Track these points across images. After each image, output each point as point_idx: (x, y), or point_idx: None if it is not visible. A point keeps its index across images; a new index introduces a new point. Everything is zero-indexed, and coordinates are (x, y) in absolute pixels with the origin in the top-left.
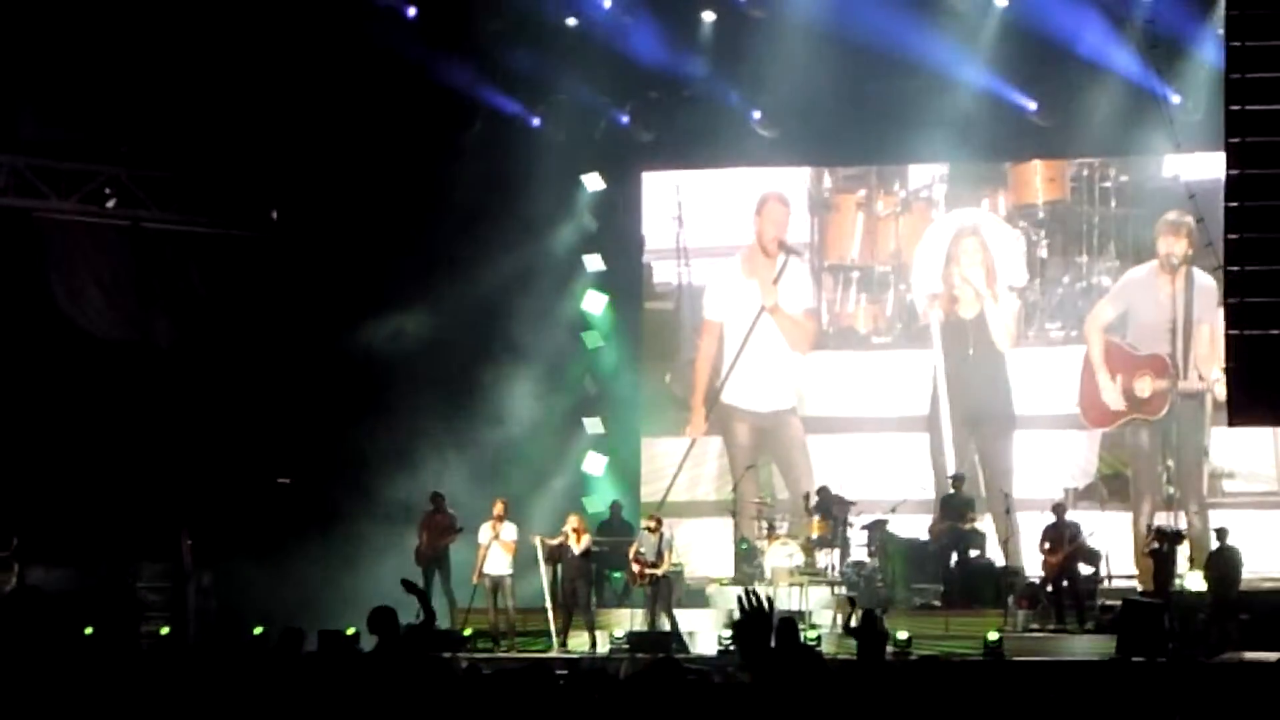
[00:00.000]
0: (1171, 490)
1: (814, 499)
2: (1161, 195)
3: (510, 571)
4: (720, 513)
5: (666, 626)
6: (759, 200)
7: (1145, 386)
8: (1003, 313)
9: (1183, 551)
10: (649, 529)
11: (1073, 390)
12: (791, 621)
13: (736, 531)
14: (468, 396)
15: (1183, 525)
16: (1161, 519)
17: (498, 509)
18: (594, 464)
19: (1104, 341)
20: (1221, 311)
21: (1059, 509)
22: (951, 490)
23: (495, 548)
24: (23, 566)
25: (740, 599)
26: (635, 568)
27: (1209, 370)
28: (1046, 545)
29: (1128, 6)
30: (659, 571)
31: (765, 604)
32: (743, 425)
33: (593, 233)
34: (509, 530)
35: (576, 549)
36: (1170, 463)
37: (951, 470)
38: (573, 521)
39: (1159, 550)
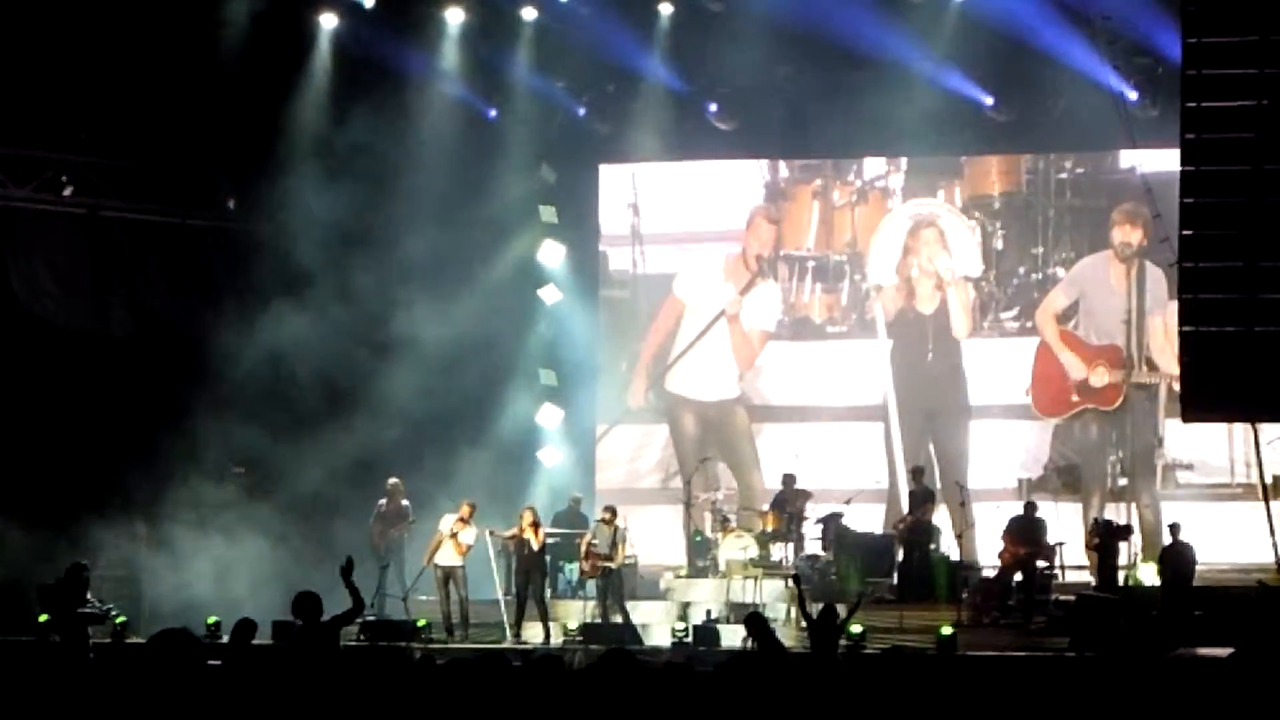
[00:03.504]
0: (1123, 482)
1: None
2: (1118, 187)
3: (462, 563)
4: (665, 502)
5: (618, 619)
6: (749, 213)
7: (1100, 377)
8: (960, 304)
9: (1125, 545)
10: (604, 520)
11: (1026, 381)
12: (760, 616)
13: (689, 523)
14: (423, 386)
15: (1134, 517)
16: (1111, 511)
17: (464, 510)
18: (549, 455)
19: (1057, 330)
20: (1172, 304)
21: (1030, 505)
22: (913, 483)
23: (449, 543)
24: None
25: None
26: (587, 560)
27: (1163, 362)
28: (1009, 538)
29: (1086, 2)
30: (612, 564)
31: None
32: (688, 415)
33: (549, 225)
34: (468, 534)
35: (535, 545)
36: (1122, 454)
37: (902, 461)
38: (528, 517)
39: (1101, 544)
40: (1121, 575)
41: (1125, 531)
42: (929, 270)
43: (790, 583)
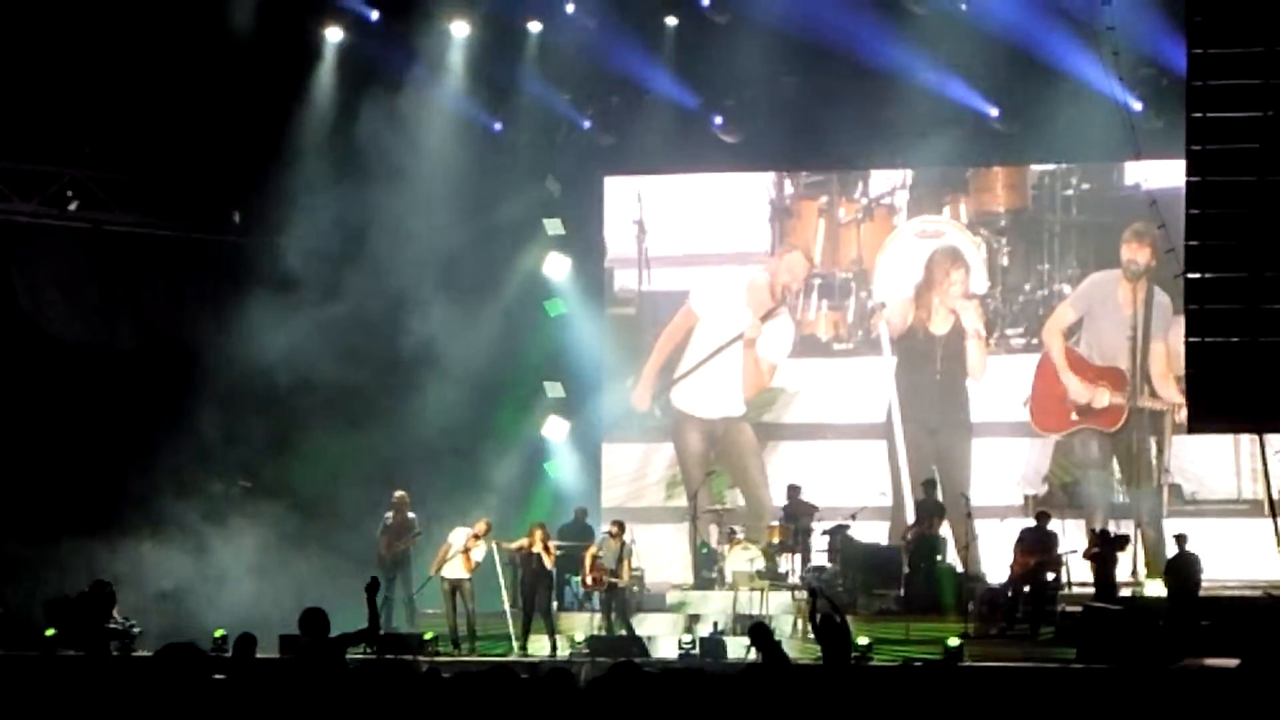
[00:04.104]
0: (1125, 500)
1: (785, 500)
2: (1123, 204)
3: (469, 577)
4: (669, 519)
5: (623, 633)
6: (787, 243)
7: (1102, 398)
8: (978, 354)
9: (1124, 555)
10: (611, 534)
11: (1027, 395)
12: (764, 626)
13: (695, 536)
14: (429, 398)
15: (1136, 535)
16: (1114, 528)
17: (480, 527)
18: (556, 467)
19: (1063, 348)
20: (1175, 329)
21: (1043, 516)
22: (922, 494)
23: (459, 558)
24: None
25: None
26: (592, 573)
27: (1164, 390)
28: (1020, 549)
29: (1091, 13)
30: (619, 581)
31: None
32: (694, 432)
33: (554, 238)
34: (479, 551)
35: (548, 563)
36: (1122, 473)
37: (907, 477)
38: (539, 535)
39: (1099, 552)
40: (1128, 591)
41: (1123, 541)
42: (951, 307)
43: (807, 595)
